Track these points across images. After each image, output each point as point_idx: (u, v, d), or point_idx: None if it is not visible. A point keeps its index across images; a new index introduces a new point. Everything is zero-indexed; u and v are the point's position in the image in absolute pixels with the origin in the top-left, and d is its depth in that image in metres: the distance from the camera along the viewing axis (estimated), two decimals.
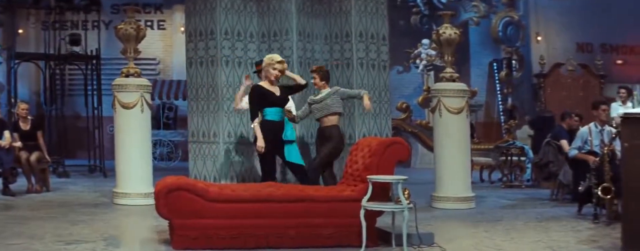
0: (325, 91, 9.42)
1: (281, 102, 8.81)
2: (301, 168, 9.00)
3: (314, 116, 9.53)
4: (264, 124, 8.71)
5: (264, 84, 8.81)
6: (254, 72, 9.95)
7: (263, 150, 8.65)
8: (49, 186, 12.22)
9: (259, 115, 8.77)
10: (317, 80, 9.46)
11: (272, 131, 8.70)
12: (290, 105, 9.42)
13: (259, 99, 8.72)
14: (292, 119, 9.34)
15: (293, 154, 8.92)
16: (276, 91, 8.78)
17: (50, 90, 17.09)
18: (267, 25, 10.92)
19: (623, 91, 13.52)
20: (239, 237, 7.00)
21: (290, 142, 8.90)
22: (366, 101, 9.10)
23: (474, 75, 21.45)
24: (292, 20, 10.75)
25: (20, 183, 11.89)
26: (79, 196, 11.66)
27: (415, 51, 20.65)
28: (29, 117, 12.37)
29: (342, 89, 9.54)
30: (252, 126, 8.84)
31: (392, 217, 7.26)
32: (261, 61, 9.68)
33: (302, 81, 9.15)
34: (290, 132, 8.93)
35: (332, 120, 9.27)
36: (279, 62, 8.74)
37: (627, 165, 6.72)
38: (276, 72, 8.72)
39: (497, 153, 14.61)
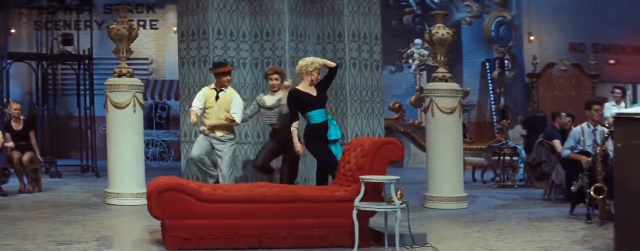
0: (277, 97, 9.52)
1: (319, 102, 8.76)
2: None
3: (266, 121, 9.84)
4: (311, 128, 8.72)
5: (302, 86, 8.77)
6: (218, 73, 9.49)
7: (301, 154, 8.78)
8: (41, 186, 12.18)
9: (300, 118, 8.77)
10: (279, 82, 9.42)
11: (318, 133, 8.69)
12: (237, 110, 9.32)
13: (298, 103, 8.72)
14: (233, 121, 9.25)
15: (337, 153, 8.74)
16: (314, 91, 8.74)
17: (43, 90, 17.01)
18: (260, 25, 10.91)
19: (618, 91, 13.47)
20: (231, 237, 7.00)
21: (334, 142, 8.78)
22: None
23: (466, 75, 21.43)
24: (284, 20, 10.73)
25: (12, 183, 11.84)
26: (71, 196, 11.62)
27: (408, 51, 20.65)
28: (21, 117, 12.32)
29: None
30: (291, 129, 8.78)
31: (384, 217, 7.25)
32: (221, 63, 9.54)
33: (333, 64, 9.01)
34: (334, 131, 8.79)
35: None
36: (323, 65, 8.79)
37: (620, 165, 6.72)
38: (319, 75, 8.76)
39: (490, 152, 14.60)
